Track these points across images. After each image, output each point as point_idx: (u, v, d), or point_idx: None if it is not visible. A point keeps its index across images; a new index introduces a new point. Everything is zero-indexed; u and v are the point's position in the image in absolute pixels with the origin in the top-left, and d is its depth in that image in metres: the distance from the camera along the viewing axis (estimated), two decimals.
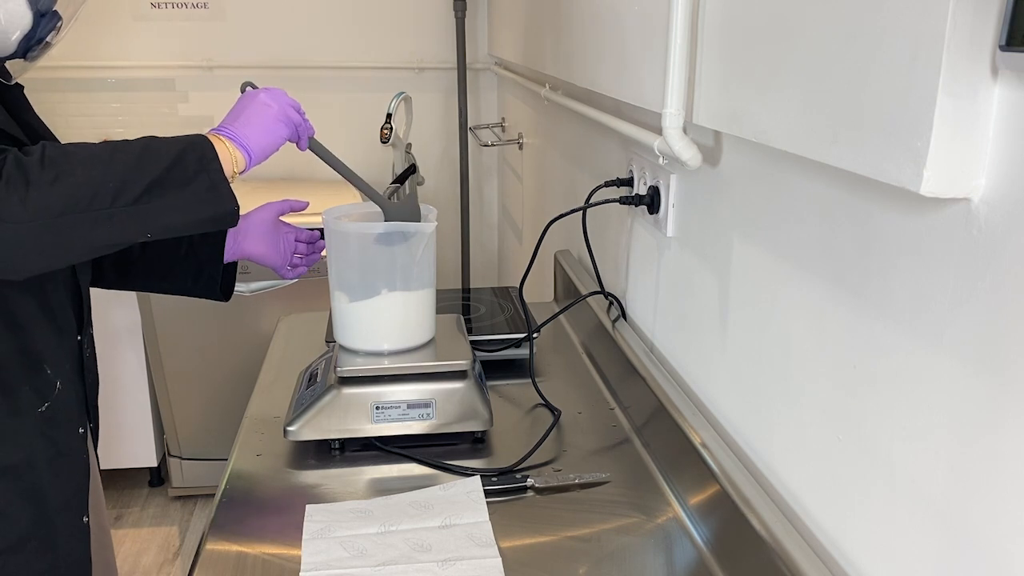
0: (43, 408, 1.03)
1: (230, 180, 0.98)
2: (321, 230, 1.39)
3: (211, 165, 0.96)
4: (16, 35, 0.96)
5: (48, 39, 1.00)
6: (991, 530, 0.60)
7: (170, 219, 0.94)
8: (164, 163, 0.93)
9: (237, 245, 1.29)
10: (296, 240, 1.35)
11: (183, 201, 0.94)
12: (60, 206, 0.87)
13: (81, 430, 1.10)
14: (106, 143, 0.94)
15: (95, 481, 1.16)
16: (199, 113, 2.98)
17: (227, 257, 1.29)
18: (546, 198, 2.21)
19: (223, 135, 1.01)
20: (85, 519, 1.10)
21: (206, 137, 0.99)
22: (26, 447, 1.02)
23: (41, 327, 1.03)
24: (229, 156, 0.99)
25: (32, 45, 0.98)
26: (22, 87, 1.08)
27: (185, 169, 0.94)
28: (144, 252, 1.25)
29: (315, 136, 1.11)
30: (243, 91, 1.10)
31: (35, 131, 1.07)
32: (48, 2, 0.97)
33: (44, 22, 0.98)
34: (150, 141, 0.96)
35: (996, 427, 0.59)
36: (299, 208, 1.35)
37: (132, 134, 3.25)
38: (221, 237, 1.28)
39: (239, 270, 2.44)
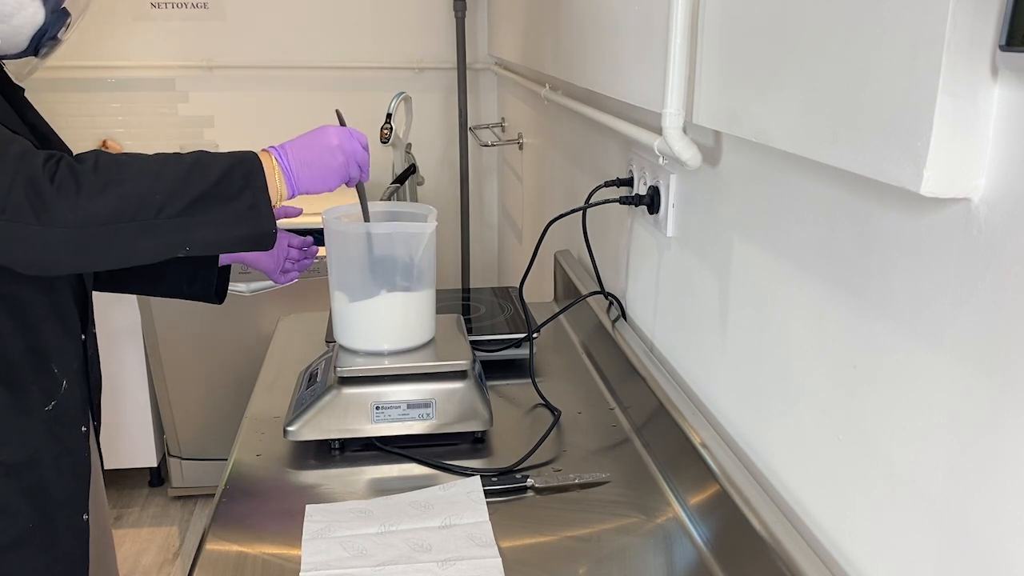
0: (50, 407, 1.04)
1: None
2: (316, 232, 1.39)
3: (256, 183, 0.96)
4: (29, 32, 0.97)
5: (59, 35, 1.01)
6: (991, 530, 0.60)
7: (209, 234, 0.95)
8: (212, 178, 0.94)
9: None
10: (289, 245, 1.36)
11: (224, 216, 0.95)
12: (107, 214, 0.88)
13: (84, 428, 1.11)
14: (159, 155, 0.95)
15: (97, 480, 1.17)
16: (199, 113, 2.97)
17: (221, 261, 1.29)
18: (546, 198, 2.21)
19: (279, 163, 1.00)
20: (85, 517, 1.10)
21: (256, 156, 0.99)
22: (33, 445, 1.03)
23: (50, 326, 1.04)
24: (275, 186, 0.99)
25: (44, 42, 1.00)
26: (23, 89, 1.08)
27: (231, 185, 0.95)
28: None
29: (367, 182, 1.12)
30: (339, 117, 1.10)
31: (40, 132, 1.08)
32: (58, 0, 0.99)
33: (55, 19, 0.99)
34: (201, 155, 0.96)
35: (996, 427, 0.59)
36: (292, 215, 1.35)
37: (132, 134, 3.24)
38: None
39: (240, 271, 2.43)
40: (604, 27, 1.36)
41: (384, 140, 2.51)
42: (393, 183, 2.54)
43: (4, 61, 1.03)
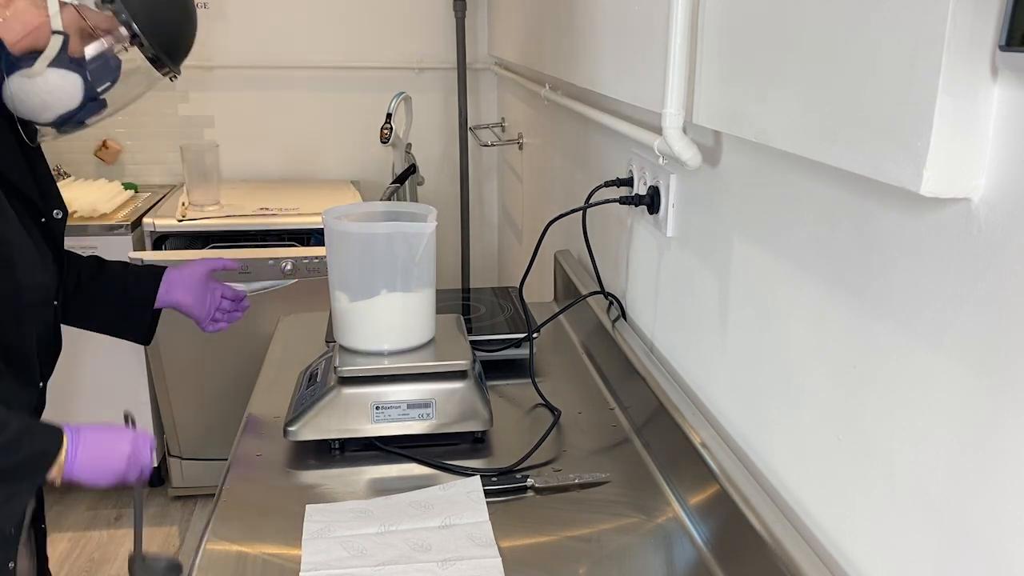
0: None
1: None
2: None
3: (45, 466, 0.98)
4: (58, 111, 0.97)
5: (87, 121, 1.00)
6: (991, 530, 0.60)
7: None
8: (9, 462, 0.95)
9: (168, 294, 1.35)
10: (223, 297, 1.41)
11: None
12: None
13: None
14: None
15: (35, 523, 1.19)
16: (199, 113, 2.97)
17: (156, 304, 1.34)
18: (546, 198, 2.21)
19: (67, 451, 1.01)
20: (11, 564, 1.12)
21: (60, 443, 1.00)
22: None
23: (4, 377, 1.05)
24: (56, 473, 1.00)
25: (70, 122, 0.99)
26: (39, 145, 1.10)
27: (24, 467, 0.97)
28: (79, 291, 1.29)
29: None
30: (126, 420, 1.13)
31: (46, 189, 1.10)
32: (101, 90, 0.97)
33: (91, 106, 0.98)
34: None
35: (996, 427, 0.59)
36: (231, 268, 1.42)
37: (132, 134, 3.21)
38: (154, 284, 1.33)
39: (239, 271, 2.43)
40: (604, 27, 1.36)
41: (384, 140, 2.51)
42: (393, 183, 2.54)
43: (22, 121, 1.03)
